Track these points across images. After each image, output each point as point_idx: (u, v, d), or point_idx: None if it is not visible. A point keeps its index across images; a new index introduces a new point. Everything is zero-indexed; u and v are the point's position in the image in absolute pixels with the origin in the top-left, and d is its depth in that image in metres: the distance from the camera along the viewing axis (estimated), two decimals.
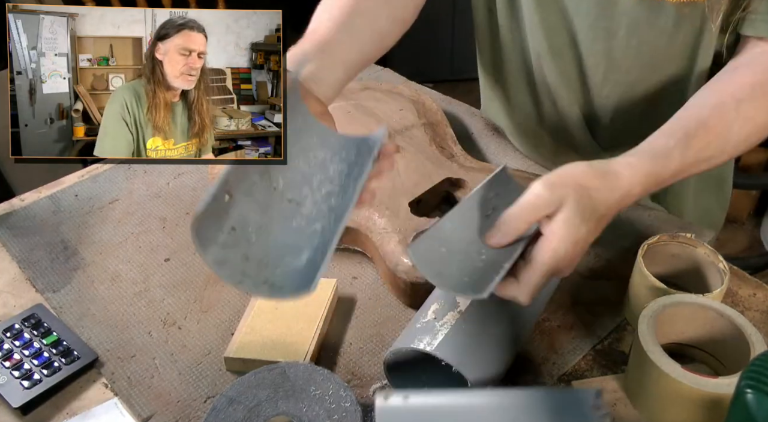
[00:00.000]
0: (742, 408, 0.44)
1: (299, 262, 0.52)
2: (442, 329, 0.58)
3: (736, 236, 2.16)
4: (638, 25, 0.74)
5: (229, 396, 0.58)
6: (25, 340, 0.67)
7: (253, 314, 0.69)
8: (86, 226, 0.84)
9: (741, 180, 2.00)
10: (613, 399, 0.59)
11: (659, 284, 0.64)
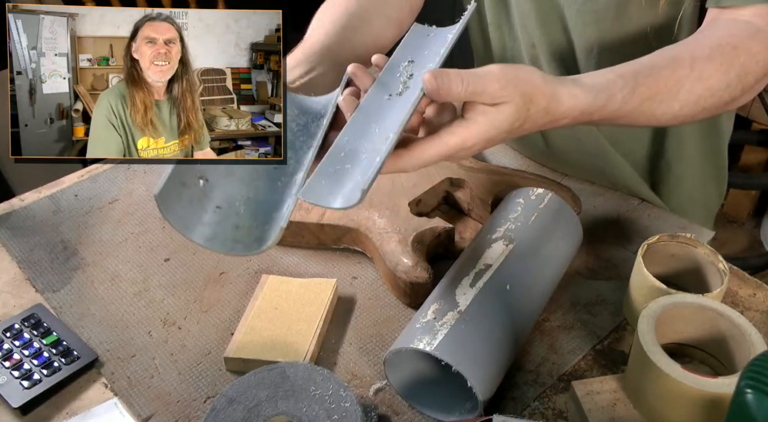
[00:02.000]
0: (742, 408, 0.44)
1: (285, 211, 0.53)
2: (442, 329, 0.58)
3: (736, 236, 2.15)
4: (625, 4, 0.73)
5: (228, 396, 0.58)
6: (25, 340, 0.67)
7: (253, 315, 0.69)
8: (86, 226, 0.84)
9: (741, 180, 2.00)
10: (613, 399, 0.59)
11: (659, 284, 0.64)
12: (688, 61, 0.62)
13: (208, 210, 0.53)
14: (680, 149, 0.86)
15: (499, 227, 0.69)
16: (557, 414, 0.61)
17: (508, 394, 0.63)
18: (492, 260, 0.64)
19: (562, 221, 0.71)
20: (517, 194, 0.73)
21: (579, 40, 0.80)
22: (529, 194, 0.72)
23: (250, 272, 0.77)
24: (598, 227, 0.81)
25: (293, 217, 0.77)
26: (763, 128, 1.95)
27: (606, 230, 0.81)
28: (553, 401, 0.62)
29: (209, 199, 0.54)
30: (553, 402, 0.62)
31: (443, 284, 0.64)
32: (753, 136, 1.96)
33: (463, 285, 0.62)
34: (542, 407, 0.62)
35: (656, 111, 0.62)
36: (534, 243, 0.67)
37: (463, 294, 0.61)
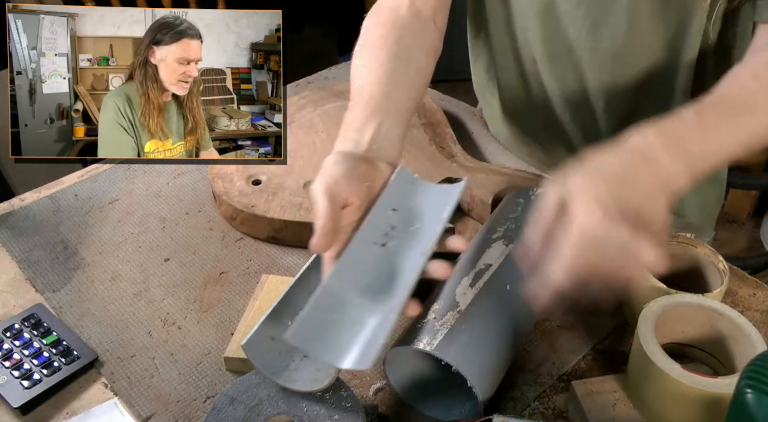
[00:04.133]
0: (742, 408, 0.44)
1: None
2: (442, 329, 0.58)
3: (736, 236, 2.15)
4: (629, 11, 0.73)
5: (229, 395, 0.58)
6: (25, 340, 0.67)
7: (253, 315, 0.69)
8: (86, 226, 0.84)
9: (741, 180, 2.00)
10: (613, 399, 0.59)
11: (659, 284, 0.64)
12: (747, 75, 0.60)
13: (296, 359, 0.58)
14: None
15: (499, 227, 0.69)
16: (557, 414, 0.61)
17: (508, 394, 0.63)
18: (492, 260, 0.64)
19: None
20: (517, 194, 0.73)
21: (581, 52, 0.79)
22: (529, 194, 0.72)
23: (250, 272, 0.77)
24: None
25: (293, 217, 0.77)
26: None
27: None
28: (553, 401, 0.62)
29: (298, 350, 0.58)
30: (553, 402, 0.62)
31: (443, 284, 0.64)
32: None
33: (463, 285, 0.62)
34: (542, 407, 0.62)
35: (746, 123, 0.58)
36: None
37: (463, 294, 0.61)
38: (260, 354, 0.57)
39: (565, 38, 0.79)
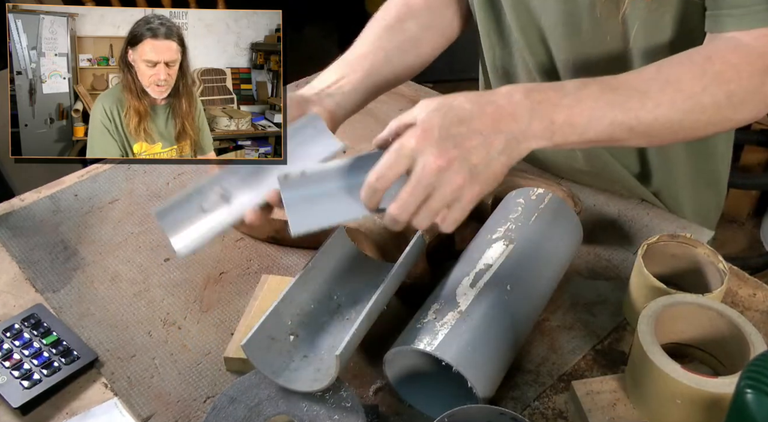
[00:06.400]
0: (742, 408, 0.44)
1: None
2: (442, 329, 0.58)
3: (736, 236, 2.15)
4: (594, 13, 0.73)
5: (230, 395, 0.58)
6: (25, 340, 0.67)
7: (253, 315, 0.69)
8: (86, 226, 0.84)
9: (741, 180, 2.00)
10: (613, 399, 0.59)
11: (659, 284, 0.64)
12: (654, 67, 0.62)
13: (296, 359, 0.60)
14: (668, 172, 0.84)
15: (499, 227, 0.69)
16: (557, 414, 0.61)
17: (508, 394, 0.63)
18: (492, 260, 0.64)
19: (562, 221, 0.71)
20: (517, 194, 0.73)
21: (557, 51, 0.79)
22: (529, 194, 0.72)
23: (250, 272, 0.77)
24: (598, 227, 0.81)
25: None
26: (763, 128, 1.95)
27: (606, 230, 0.81)
28: (553, 401, 0.62)
29: (298, 350, 0.60)
30: (553, 402, 0.62)
31: (443, 285, 0.64)
32: (753, 136, 1.96)
33: (464, 285, 0.62)
34: (542, 407, 0.62)
35: (627, 105, 0.59)
36: (534, 243, 0.67)
37: (464, 294, 0.61)
38: (260, 354, 0.57)
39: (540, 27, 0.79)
